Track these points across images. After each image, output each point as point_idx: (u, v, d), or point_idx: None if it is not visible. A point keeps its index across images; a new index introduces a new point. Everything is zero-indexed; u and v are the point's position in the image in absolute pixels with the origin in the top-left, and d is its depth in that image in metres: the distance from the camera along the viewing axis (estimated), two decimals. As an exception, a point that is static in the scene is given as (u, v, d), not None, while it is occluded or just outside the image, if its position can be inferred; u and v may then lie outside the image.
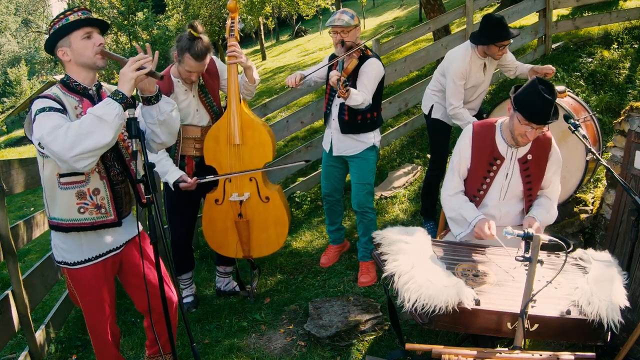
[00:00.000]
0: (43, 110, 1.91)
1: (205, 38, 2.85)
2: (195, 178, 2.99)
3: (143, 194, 2.09)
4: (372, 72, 3.11)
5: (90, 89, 2.09)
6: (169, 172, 2.98)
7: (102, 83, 2.21)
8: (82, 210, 2.06)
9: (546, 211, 2.56)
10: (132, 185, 2.18)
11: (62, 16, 2.03)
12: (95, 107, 1.91)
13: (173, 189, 3.00)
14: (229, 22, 3.08)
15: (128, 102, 1.93)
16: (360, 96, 2.98)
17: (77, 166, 1.87)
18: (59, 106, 1.95)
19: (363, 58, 3.12)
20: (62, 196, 2.04)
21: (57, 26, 2.01)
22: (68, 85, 2.06)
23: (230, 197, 3.09)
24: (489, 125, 2.60)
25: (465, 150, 2.60)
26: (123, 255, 2.28)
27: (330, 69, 3.23)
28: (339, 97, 2.87)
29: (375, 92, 3.18)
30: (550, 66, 3.49)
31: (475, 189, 2.62)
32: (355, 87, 3.09)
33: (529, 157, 2.53)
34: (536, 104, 2.32)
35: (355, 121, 3.21)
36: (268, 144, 3.07)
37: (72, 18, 2.00)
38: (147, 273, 2.23)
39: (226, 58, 3.04)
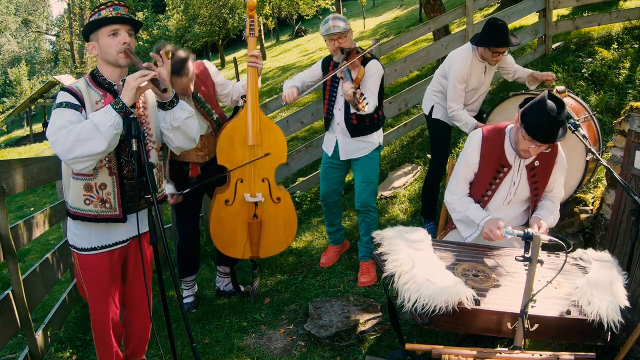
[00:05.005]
0: (60, 105, 1.96)
1: (178, 53, 2.79)
2: (176, 197, 2.99)
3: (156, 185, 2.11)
4: (374, 74, 3.14)
5: (115, 85, 2.11)
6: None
7: None
8: (87, 202, 2.12)
9: (550, 214, 2.55)
10: (146, 177, 2.13)
11: (96, 9, 2.06)
12: (97, 113, 1.94)
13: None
14: (248, 21, 3.11)
15: (127, 112, 1.95)
16: (372, 104, 3.04)
17: (75, 168, 1.96)
18: (76, 102, 1.99)
19: (363, 62, 3.14)
20: (74, 185, 2.11)
21: (91, 20, 2.03)
22: (96, 78, 2.10)
23: (246, 199, 3.10)
24: (499, 130, 2.56)
25: (473, 156, 2.56)
26: (129, 249, 2.30)
27: (335, 77, 3.22)
28: (358, 111, 2.90)
29: (378, 91, 3.21)
30: (551, 73, 3.47)
31: (479, 194, 2.60)
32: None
33: (537, 163, 2.51)
34: (541, 121, 2.26)
35: (363, 123, 3.24)
36: (283, 145, 3.12)
37: (103, 13, 2.02)
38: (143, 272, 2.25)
39: (246, 62, 3.11)
